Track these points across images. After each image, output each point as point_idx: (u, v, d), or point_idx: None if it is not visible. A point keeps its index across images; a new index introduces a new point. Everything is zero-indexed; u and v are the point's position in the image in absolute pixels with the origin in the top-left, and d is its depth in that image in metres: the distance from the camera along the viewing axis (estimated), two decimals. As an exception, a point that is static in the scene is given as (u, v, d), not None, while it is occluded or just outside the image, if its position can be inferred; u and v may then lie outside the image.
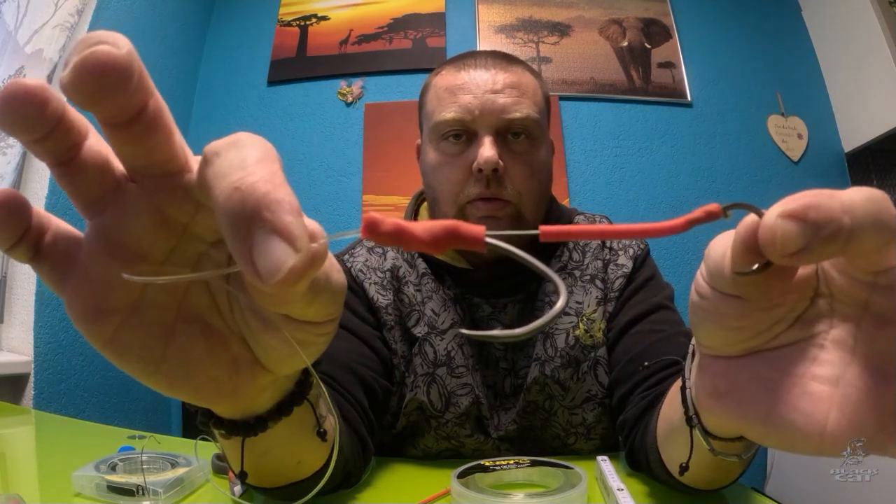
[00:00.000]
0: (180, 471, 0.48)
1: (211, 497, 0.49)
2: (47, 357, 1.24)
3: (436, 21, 1.99)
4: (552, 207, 0.70)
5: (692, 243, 1.72)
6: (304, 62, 1.99)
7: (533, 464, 0.50)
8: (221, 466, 0.53)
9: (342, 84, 1.95)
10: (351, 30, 2.00)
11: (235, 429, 0.30)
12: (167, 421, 1.67)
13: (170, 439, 0.69)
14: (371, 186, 1.83)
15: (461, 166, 0.60)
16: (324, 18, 2.03)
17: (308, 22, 2.03)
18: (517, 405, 0.63)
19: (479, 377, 0.63)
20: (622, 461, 0.58)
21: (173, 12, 1.85)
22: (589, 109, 1.90)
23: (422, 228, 0.18)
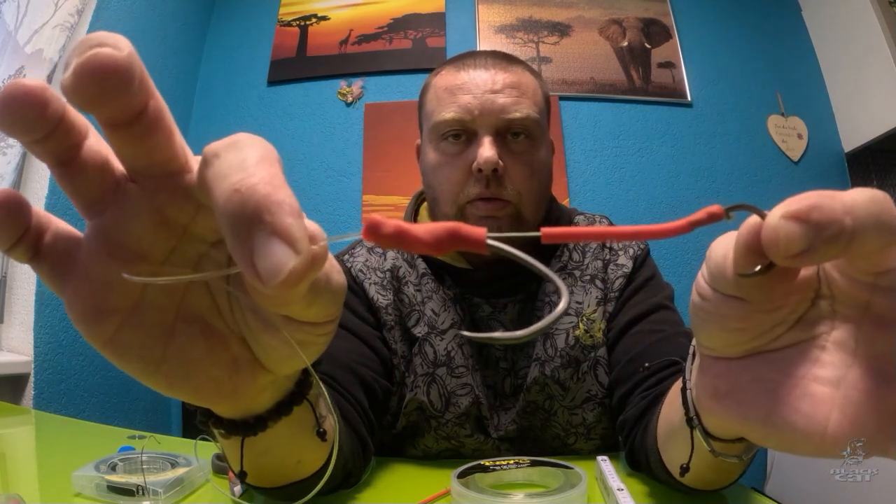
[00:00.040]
0: (180, 471, 0.48)
1: (211, 497, 0.49)
2: (47, 357, 1.24)
3: (436, 21, 1.99)
4: (552, 207, 0.70)
5: (693, 244, 1.72)
6: (304, 62, 1.98)
7: (533, 464, 0.50)
8: (221, 466, 0.53)
9: (342, 84, 1.95)
10: (351, 30, 2.00)
11: (235, 428, 0.30)
12: (167, 421, 1.66)
13: (170, 439, 0.69)
14: (371, 186, 1.83)
15: (461, 166, 0.60)
16: (324, 18, 2.03)
17: (308, 22, 2.03)
18: (517, 405, 0.63)
19: (479, 377, 0.63)
20: (622, 461, 0.58)
21: (173, 12, 1.85)
22: (589, 109, 1.90)
23: (423, 230, 0.18)
